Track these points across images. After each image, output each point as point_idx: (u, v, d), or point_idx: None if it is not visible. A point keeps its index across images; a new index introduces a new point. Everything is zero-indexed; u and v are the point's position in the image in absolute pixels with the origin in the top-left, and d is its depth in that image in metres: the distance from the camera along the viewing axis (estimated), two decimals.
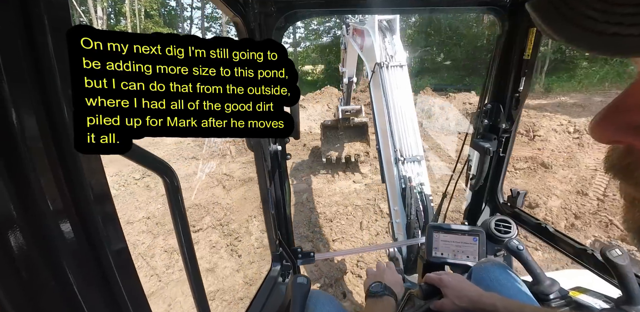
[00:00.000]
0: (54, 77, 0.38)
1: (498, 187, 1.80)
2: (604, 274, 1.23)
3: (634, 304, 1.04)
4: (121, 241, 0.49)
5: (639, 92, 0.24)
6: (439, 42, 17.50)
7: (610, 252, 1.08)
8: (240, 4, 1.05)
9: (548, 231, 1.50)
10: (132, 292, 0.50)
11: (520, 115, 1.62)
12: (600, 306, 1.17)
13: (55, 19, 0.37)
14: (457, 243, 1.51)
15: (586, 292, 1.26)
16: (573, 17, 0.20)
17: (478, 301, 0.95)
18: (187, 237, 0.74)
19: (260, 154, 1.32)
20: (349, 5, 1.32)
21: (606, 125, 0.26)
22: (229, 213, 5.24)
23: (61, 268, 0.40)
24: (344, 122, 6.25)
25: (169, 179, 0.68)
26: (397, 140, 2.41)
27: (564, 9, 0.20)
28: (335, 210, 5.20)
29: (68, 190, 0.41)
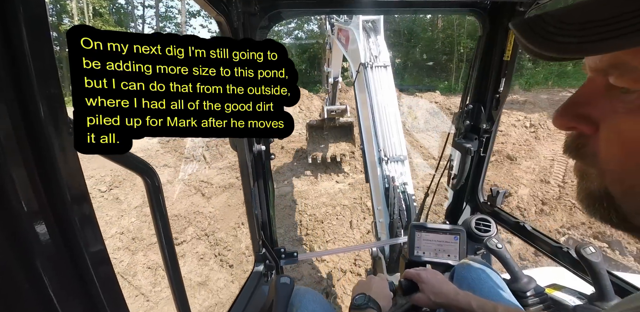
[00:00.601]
0: (30, 76, 0.37)
1: (479, 187, 1.83)
2: (578, 271, 1.27)
3: (606, 300, 1.07)
4: (99, 243, 0.48)
5: (586, 92, 0.34)
6: (397, 44, 17.84)
7: (584, 250, 1.11)
8: (223, 2, 1.04)
9: (526, 229, 1.53)
10: (111, 295, 0.49)
11: (501, 115, 1.66)
12: (575, 302, 1.21)
13: (31, 17, 0.36)
14: (438, 242, 1.53)
15: (561, 289, 1.30)
16: (541, 32, 0.28)
17: (454, 298, 0.97)
18: (169, 238, 0.73)
19: (244, 154, 1.31)
20: (333, 6, 1.32)
21: (564, 117, 0.35)
22: (213, 222, 5.08)
23: (36, 271, 0.39)
24: (329, 122, 6.25)
25: (150, 180, 0.67)
26: (381, 140, 2.42)
27: (536, 28, 0.29)
28: (325, 211, 5.20)
29: (44, 190, 0.40)
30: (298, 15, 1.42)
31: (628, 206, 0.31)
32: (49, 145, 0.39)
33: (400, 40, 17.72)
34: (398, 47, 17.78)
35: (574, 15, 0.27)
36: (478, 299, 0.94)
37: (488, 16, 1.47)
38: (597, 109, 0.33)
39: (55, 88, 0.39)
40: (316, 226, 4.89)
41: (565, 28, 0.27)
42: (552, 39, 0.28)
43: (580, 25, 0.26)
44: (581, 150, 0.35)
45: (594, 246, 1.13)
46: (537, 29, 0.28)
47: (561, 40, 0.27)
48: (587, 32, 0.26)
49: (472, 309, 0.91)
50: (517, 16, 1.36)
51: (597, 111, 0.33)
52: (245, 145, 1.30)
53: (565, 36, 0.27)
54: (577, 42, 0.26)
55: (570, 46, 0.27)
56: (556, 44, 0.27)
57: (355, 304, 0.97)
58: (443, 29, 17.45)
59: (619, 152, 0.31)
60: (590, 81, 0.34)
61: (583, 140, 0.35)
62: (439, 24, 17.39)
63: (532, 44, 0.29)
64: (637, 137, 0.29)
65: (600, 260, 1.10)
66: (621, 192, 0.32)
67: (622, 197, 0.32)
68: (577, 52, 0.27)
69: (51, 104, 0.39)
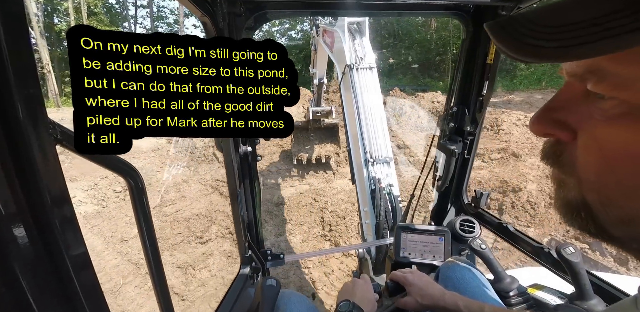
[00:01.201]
0: (7, 73, 0.36)
1: (463, 188, 1.86)
2: (559, 271, 1.30)
3: (586, 299, 1.10)
4: (80, 246, 0.47)
5: (562, 97, 0.33)
6: (392, 45, 18.02)
7: (564, 250, 1.14)
8: (208, 3, 1.03)
9: (508, 230, 1.56)
10: (93, 299, 0.48)
11: (484, 118, 1.68)
12: (556, 301, 1.24)
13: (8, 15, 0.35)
14: (424, 243, 1.55)
15: (543, 289, 1.33)
16: (514, 34, 0.28)
17: (440, 299, 0.98)
18: (152, 241, 0.72)
19: (230, 156, 1.30)
20: (318, 7, 1.33)
21: (540, 122, 0.34)
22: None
23: (13, 275, 0.37)
24: (314, 123, 6.25)
25: (133, 181, 0.66)
26: (367, 142, 2.44)
27: (509, 29, 0.28)
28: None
29: (22, 192, 0.39)
30: (284, 16, 1.42)
31: (605, 216, 0.31)
32: (27, 146, 0.38)
33: (395, 41, 17.89)
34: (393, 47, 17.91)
35: (548, 17, 0.27)
36: (465, 300, 0.95)
37: (471, 19, 1.49)
38: (575, 115, 0.32)
39: (34, 88, 0.38)
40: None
41: (538, 30, 0.27)
42: (524, 41, 0.27)
43: (556, 29, 0.26)
44: (559, 158, 0.34)
45: (574, 246, 1.15)
46: (510, 30, 0.28)
47: (534, 43, 0.27)
48: (564, 36, 0.25)
49: (459, 309, 0.91)
50: None
51: (574, 117, 0.32)
52: (231, 146, 1.29)
53: (538, 39, 0.26)
54: (554, 47, 0.26)
55: (544, 50, 0.26)
56: (529, 46, 0.27)
57: (339, 311, 0.96)
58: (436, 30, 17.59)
59: (595, 161, 0.30)
60: (568, 86, 0.33)
61: (561, 147, 0.34)
62: (432, 25, 17.54)
63: (504, 47, 0.28)
64: (613, 146, 0.29)
65: (579, 260, 1.13)
66: (599, 202, 0.31)
67: (599, 207, 0.31)
68: (554, 57, 0.27)
69: (30, 104, 0.38)
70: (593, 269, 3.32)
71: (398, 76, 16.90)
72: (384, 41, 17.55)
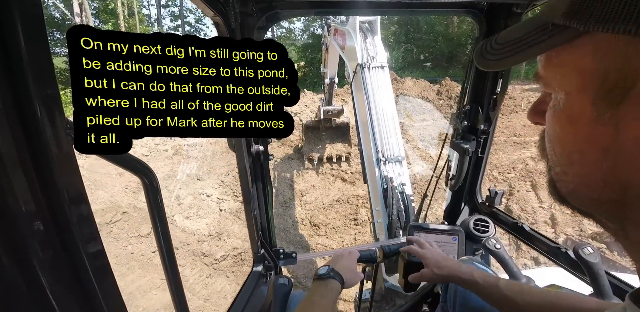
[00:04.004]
0: (26, 77, 0.37)
1: (477, 187, 1.83)
2: (577, 272, 1.27)
3: (605, 300, 1.08)
4: (97, 243, 0.48)
5: (545, 94, 0.40)
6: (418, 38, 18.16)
7: (582, 250, 1.11)
8: (220, 3, 1.04)
9: (524, 230, 1.53)
10: (109, 296, 0.49)
11: (498, 116, 1.66)
12: None
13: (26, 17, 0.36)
14: (437, 243, 1.52)
15: (560, 290, 1.30)
16: (481, 51, 0.39)
17: (457, 270, 0.99)
18: (167, 239, 0.73)
19: (242, 155, 1.30)
20: (330, 6, 1.32)
21: (530, 112, 0.42)
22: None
23: (33, 271, 0.38)
24: (325, 122, 6.25)
25: (148, 180, 0.67)
26: (379, 141, 2.43)
27: (483, 53, 0.39)
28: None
29: (41, 191, 0.40)
30: (295, 15, 1.42)
31: (560, 188, 0.38)
32: (46, 146, 0.39)
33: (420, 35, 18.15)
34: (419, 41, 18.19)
35: (502, 38, 0.37)
36: (480, 272, 0.96)
37: (485, 17, 1.47)
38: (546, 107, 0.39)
39: (52, 89, 0.39)
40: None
41: (493, 47, 0.38)
42: (484, 56, 0.39)
43: (501, 45, 0.37)
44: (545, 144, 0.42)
45: (592, 246, 1.13)
46: (485, 54, 0.39)
47: (487, 57, 0.39)
48: (503, 51, 0.36)
49: (474, 279, 0.93)
50: (513, 17, 1.37)
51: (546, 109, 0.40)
52: (244, 146, 1.29)
53: (491, 54, 0.38)
54: (495, 59, 0.37)
55: (489, 62, 0.38)
56: (483, 60, 0.39)
57: (318, 274, 1.00)
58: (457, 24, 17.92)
59: (548, 143, 0.38)
60: None
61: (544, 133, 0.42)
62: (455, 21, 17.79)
63: (475, 59, 0.41)
64: (550, 130, 0.37)
65: (598, 260, 1.10)
66: (555, 176, 0.38)
67: (556, 181, 0.38)
68: (493, 67, 0.39)
69: (48, 105, 0.39)
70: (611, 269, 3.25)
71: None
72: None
